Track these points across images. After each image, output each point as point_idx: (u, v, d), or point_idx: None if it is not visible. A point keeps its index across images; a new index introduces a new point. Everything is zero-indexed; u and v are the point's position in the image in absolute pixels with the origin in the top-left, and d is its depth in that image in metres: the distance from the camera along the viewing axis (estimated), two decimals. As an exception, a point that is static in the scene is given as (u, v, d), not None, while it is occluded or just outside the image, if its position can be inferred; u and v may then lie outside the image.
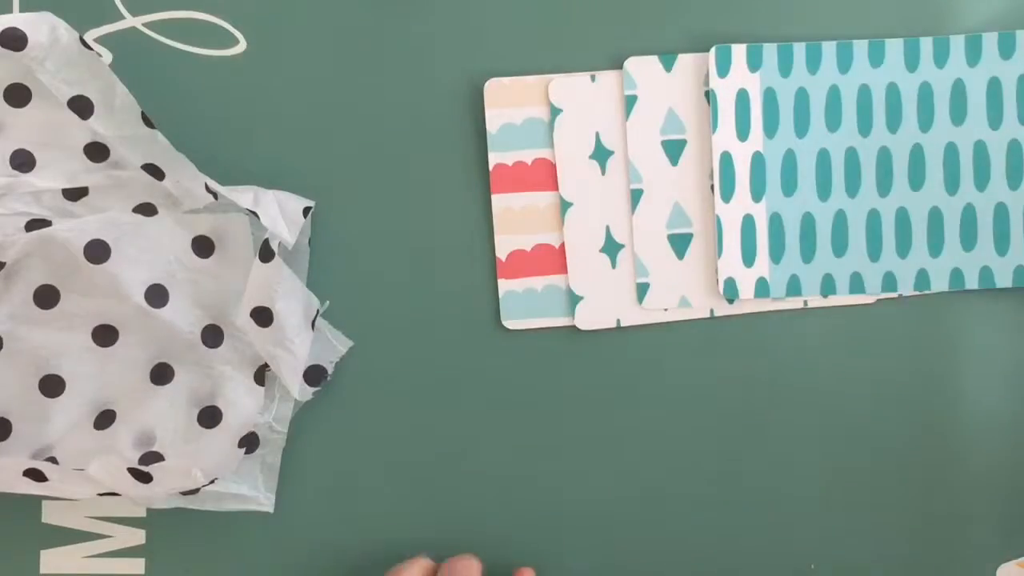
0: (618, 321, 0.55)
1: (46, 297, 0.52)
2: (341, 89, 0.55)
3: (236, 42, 0.55)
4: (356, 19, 0.55)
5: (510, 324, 0.56)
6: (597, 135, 0.55)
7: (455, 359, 0.56)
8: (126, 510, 0.55)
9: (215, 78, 0.55)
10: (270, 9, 0.55)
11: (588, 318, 0.55)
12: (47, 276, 0.52)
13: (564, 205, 0.55)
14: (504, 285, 0.56)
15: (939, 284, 0.55)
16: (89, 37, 0.55)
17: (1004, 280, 0.55)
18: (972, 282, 0.55)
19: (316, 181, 0.55)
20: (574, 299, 0.55)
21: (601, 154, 0.55)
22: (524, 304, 0.56)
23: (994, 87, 0.55)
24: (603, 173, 0.55)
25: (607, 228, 0.55)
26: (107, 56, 0.55)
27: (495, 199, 0.56)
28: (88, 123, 0.51)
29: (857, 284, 0.55)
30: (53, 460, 0.51)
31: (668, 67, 0.55)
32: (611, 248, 0.55)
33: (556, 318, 0.56)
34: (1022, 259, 0.55)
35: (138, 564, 0.55)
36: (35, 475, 0.50)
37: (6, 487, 0.51)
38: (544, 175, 0.56)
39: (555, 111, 0.55)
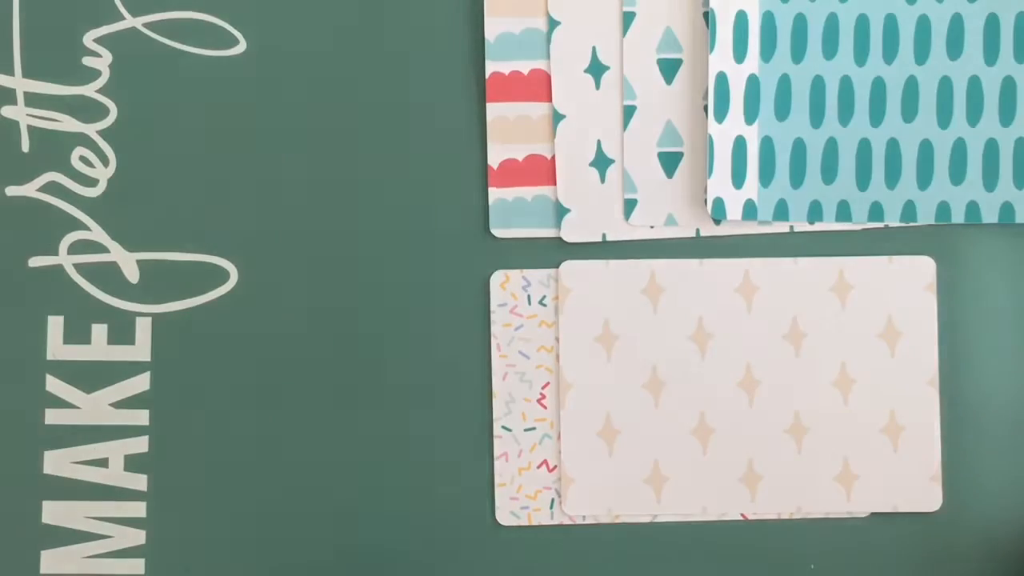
0: (604, 235, 0.56)
1: None
2: (339, 84, 0.56)
3: (236, 42, 0.56)
4: (356, 18, 0.56)
5: (498, 232, 0.56)
6: (594, 49, 0.56)
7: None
8: (126, 510, 0.56)
9: (215, 78, 0.56)
10: (270, 9, 0.56)
11: (574, 231, 0.56)
12: None
13: (557, 117, 0.56)
14: (495, 193, 0.56)
15: (925, 216, 0.56)
16: (89, 37, 0.55)
17: (991, 216, 0.55)
18: (959, 216, 0.56)
19: (315, 182, 0.56)
20: (561, 211, 0.56)
21: (596, 68, 0.56)
22: (513, 213, 0.56)
23: (992, 24, 0.55)
24: (597, 88, 0.56)
25: (598, 142, 0.56)
26: (107, 56, 0.55)
27: (490, 107, 0.56)
28: None
29: (844, 212, 0.56)
30: None
31: (668, -16, 0.55)
32: (601, 162, 0.56)
33: (544, 229, 0.56)
34: (1009, 196, 0.55)
35: (138, 564, 0.55)
36: None
37: None
38: (540, 86, 0.56)
39: (553, 23, 0.56)
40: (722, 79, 0.55)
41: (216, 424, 0.56)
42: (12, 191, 0.56)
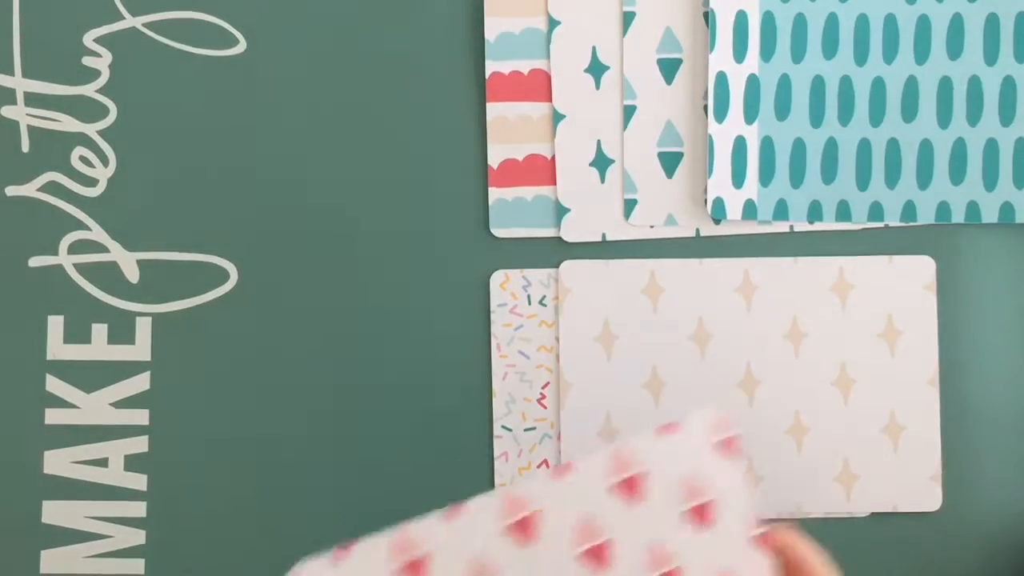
0: (604, 235, 0.56)
1: None
2: (339, 84, 0.57)
3: (236, 42, 0.56)
4: (356, 19, 0.56)
5: (498, 232, 0.56)
6: (594, 49, 0.56)
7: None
8: (126, 510, 0.56)
9: (215, 78, 0.56)
10: (270, 9, 0.56)
11: (574, 230, 0.56)
12: None
13: (556, 117, 0.56)
14: (495, 193, 0.56)
15: (925, 216, 0.56)
16: (89, 37, 0.56)
17: (990, 216, 0.55)
18: (959, 216, 0.55)
19: (315, 182, 0.56)
20: (561, 211, 0.56)
21: (596, 68, 0.56)
22: (513, 213, 0.56)
23: (992, 24, 0.55)
24: (597, 87, 0.56)
25: (598, 142, 0.56)
26: (107, 56, 0.56)
27: (490, 107, 0.56)
28: None
29: (844, 212, 0.55)
30: None
31: (668, -16, 0.55)
32: (601, 162, 0.56)
33: (544, 228, 0.56)
34: (1009, 195, 0.55)
35: (138, 564, 0.56)
36: None
37: None
38: (540, 86, 0.56)
39: (553, 23, 0.56)
40: (722, 79, 0.55)
41: (216, 424, 0.56)
42: (12, 191, 0.56)
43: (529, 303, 0.56)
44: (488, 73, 0.56)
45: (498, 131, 0.56)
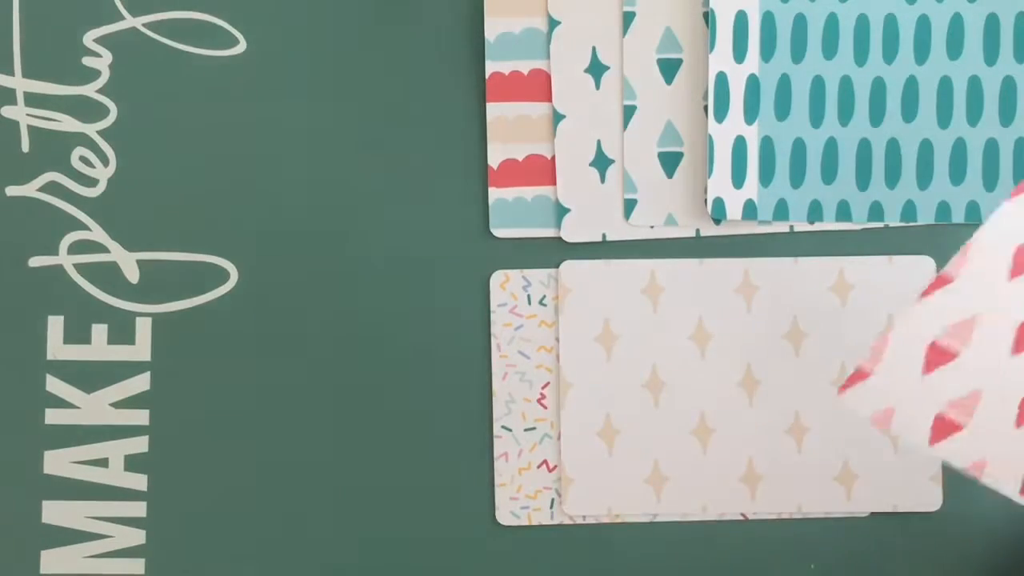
0: (604, 235, 0.56)
1: None
2: (339, 84, 0.57)
3: (236, 42, 0.56)
4: (356, 19, 0.56)
5: (498, 232, 0.56)
6: (594, 49, 0.56)
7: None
8: (126, 510, 0.56)
9: (215, 78, 0.56)
10: (270, 9, 0.56)
11: (574, 231, 0.56)
12: None
13: (557, 117, 0.56)
14: (495, 193, 0.56)
15: (925, 216, 0.56)
16: (89, 37, 0.56)
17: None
18: (959, 216, 0.56)
19: (315, 182, 0.56)
20: (561, 211, 0.56)
21: (596, 68, 0.56)
22: (514, 213, 0.56)
23: (992, 23, 0.55)
24: (597, 88, 0.56)
25: (598, 142, 0.56)
26: (107, 56, 0.56)
27: (490, 107, 0.56)
28: None
29: (844, 212, 0.56)
30: None
31: (668, -16, 0.56)
32: (601, 162, 0.56)
33: (544, 229, 0.56)
34: (1010, 195, 0.55)
35: (138, 564, 0.55)
36: None
37: None
38: (540, 86, 0.56)
39: (553, 23, 0.56)
40: (722, 79, 0.55)
41: (216, 424, 0.56)
42: (12, 191, 0.56)
43: (529, 303, 0.56)
44: (488, 73, 0.56)
45: (498, 131, 0.56)
